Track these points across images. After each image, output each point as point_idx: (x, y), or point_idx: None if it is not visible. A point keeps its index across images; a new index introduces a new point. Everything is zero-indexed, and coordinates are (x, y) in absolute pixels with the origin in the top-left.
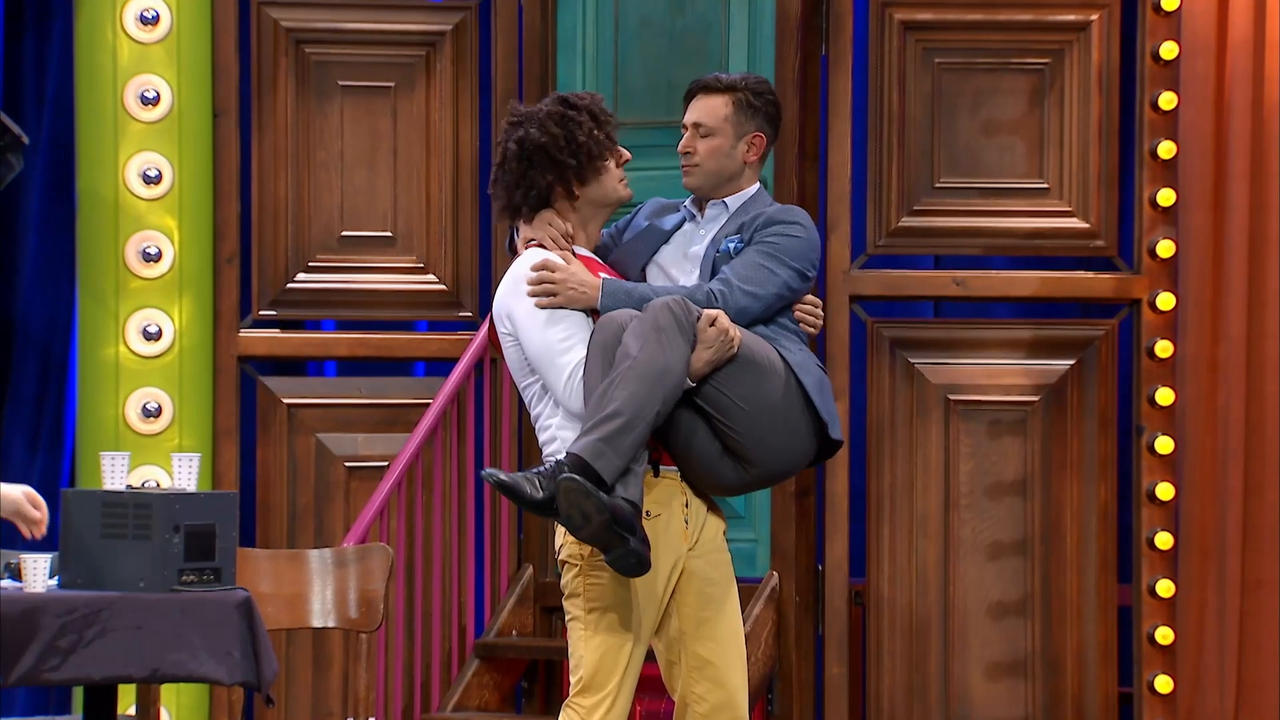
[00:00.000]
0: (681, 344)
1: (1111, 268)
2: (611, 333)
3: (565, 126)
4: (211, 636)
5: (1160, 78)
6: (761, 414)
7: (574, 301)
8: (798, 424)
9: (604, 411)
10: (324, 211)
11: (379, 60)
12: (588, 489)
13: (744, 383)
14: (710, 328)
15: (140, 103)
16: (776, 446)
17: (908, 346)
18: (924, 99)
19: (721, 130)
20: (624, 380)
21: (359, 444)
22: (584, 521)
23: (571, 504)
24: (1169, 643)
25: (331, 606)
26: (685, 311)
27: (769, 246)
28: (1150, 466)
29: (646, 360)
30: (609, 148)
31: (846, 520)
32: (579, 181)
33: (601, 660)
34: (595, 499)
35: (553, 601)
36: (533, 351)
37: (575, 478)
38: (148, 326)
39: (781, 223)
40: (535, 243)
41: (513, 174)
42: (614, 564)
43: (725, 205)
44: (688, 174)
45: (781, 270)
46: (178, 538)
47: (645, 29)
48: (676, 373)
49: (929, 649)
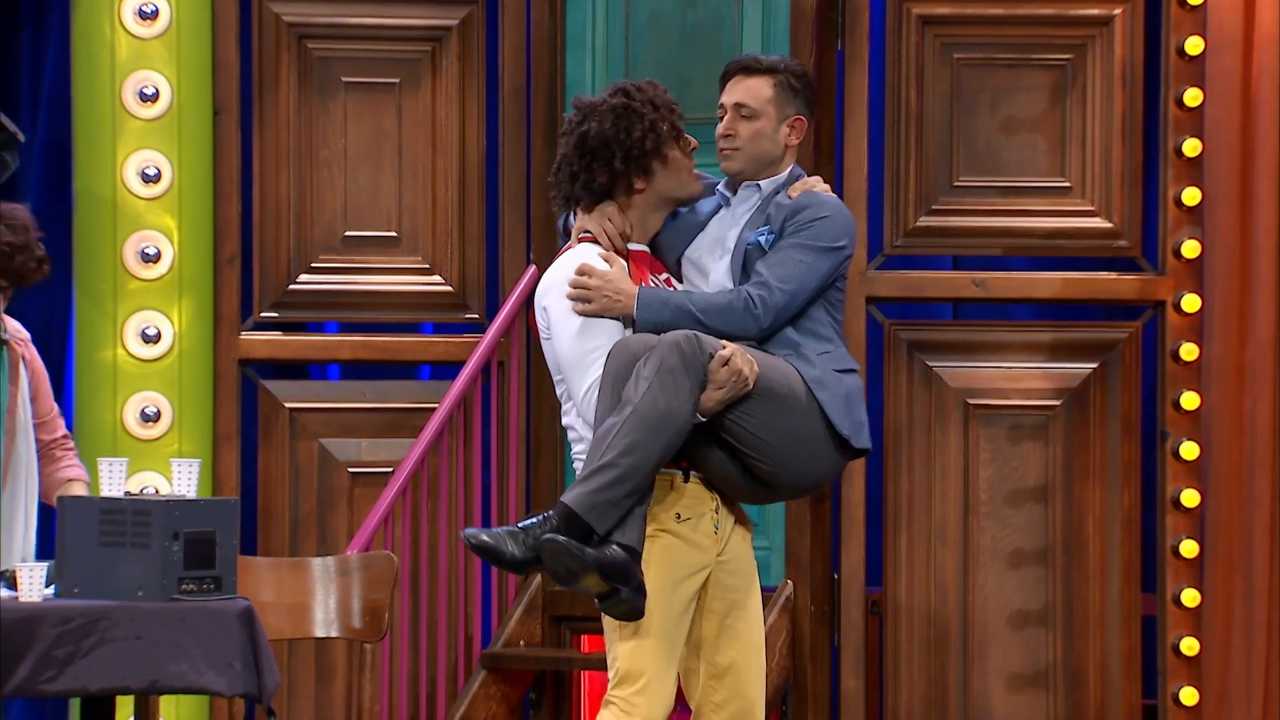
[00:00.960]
0: (688, 385)
1: (1135, 268)
2: (624, 363)
3: (626, 120)
4: (212, 647)
5: (1185, 73)
6: (782, 442)
7: (608, 310)
8: (819, 444)
9: (601, 460)
10: (327, 211)
11: (383, 56)
12: (570, 549)
13: (761, 414)
14: (722, 369)
15: (139, 100)
16: (799, 469)
17: (926, 349)
18: (942, 96)
19: (765, 112)
20: (624, 428)
21: (363, 449)
22: (570, 578)
23: (557, 562)
24: (1194, 654)
25: (335, 616)
26: (695, 351)
27: (802, 236)
28: (1175, 472)
29: (649, 406)
30: (672, 140)
31: (863, 527)
32: (640, 177)
33: (636, 650)
34: (579, 558)
35: (562, 611)
36: (561, 354)
37: (557, 539)
38: (146, 329)
39: (810, 206)
40: (588, 236)
41: (573, 167)
42: (607, 611)
43: (759, 188)
44: (727, 158)
45: (819, 258)
46: (177, 546)
47: (656, 24)
48: (681, 416)
49: (948, 660)
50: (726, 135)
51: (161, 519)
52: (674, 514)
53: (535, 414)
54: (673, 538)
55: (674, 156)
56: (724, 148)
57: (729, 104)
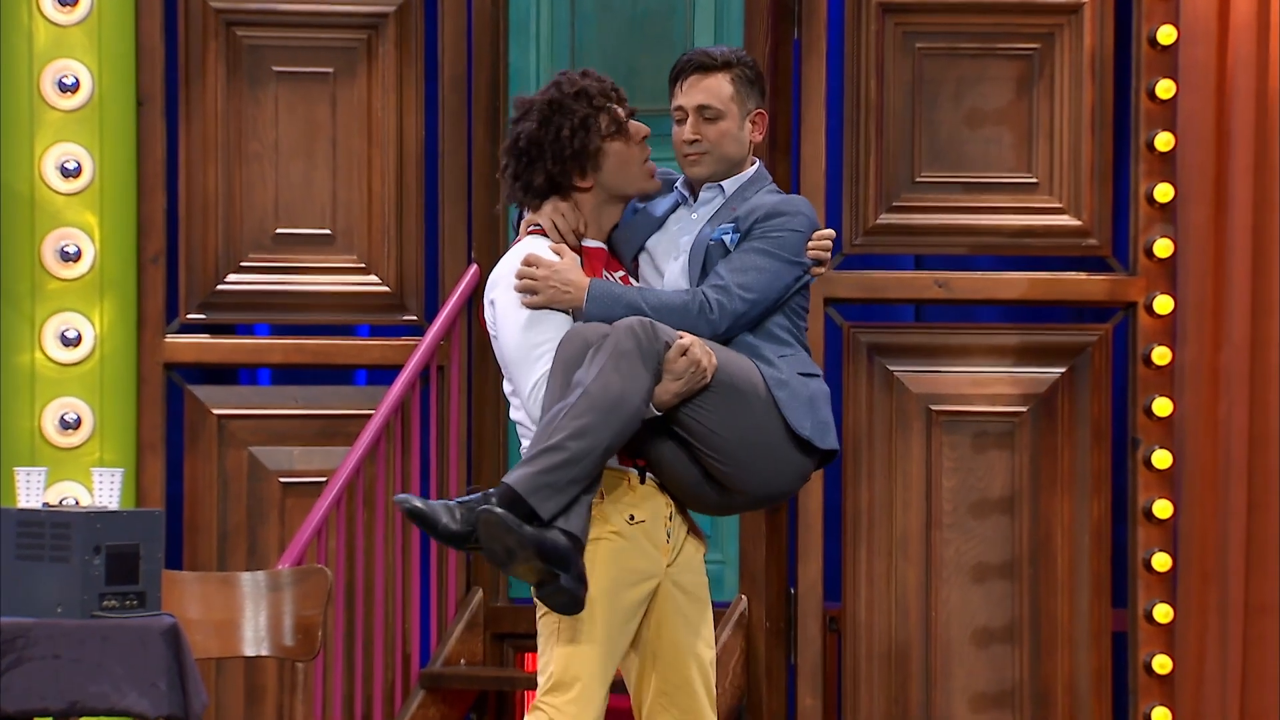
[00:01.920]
0: (642, 373)
1: (1105, 268)
2: (577, 349)
3: (554, 118)
4: (135, 666)
5: (1157, 64)
6: (741, 441)
7: (556, 301)
8: (781, 446)
9: (548, 442)
10: (257, 207)
11: (316, 44)
12: (508, 523)
13: (719, 410)
14: (680, 358)
15: (58, 90)
16: (762, 471)
17: (887, 353)
18: (904, 87)
19: (729, 111)
20: (574, 410)
21: (295, 458)
22: (507, 557)
23: (493, 538)
24: (1167, 672)
25: (265, 634)
26: (651, 337)
27: (768, 242)
28: (1147, 482)
29: (600, 390)
30: (612, 132)
31: (821, 540)
32: (579, 174)
33: (572, 656)
34: (517, 534)
35: (504, 628)
36: (507, 348)
37: (495, 510)
38: (66, 331)
39: (782, 214)
40: (537, 229)
41: (512, 169)
42: (544, 600)
43: (722, 189)
44: (695, 163)
45: (782, 269)
46: (99, 559)
47: (604, 11)
48: (633, 404)
49: (909, 679)
50: (693, 140)
51: (82, 531)
52: (627, 515)
53: (477, 420)
54: (623, 541)
55: (615, 149)
56: (691, 153)
57: (690, 106)
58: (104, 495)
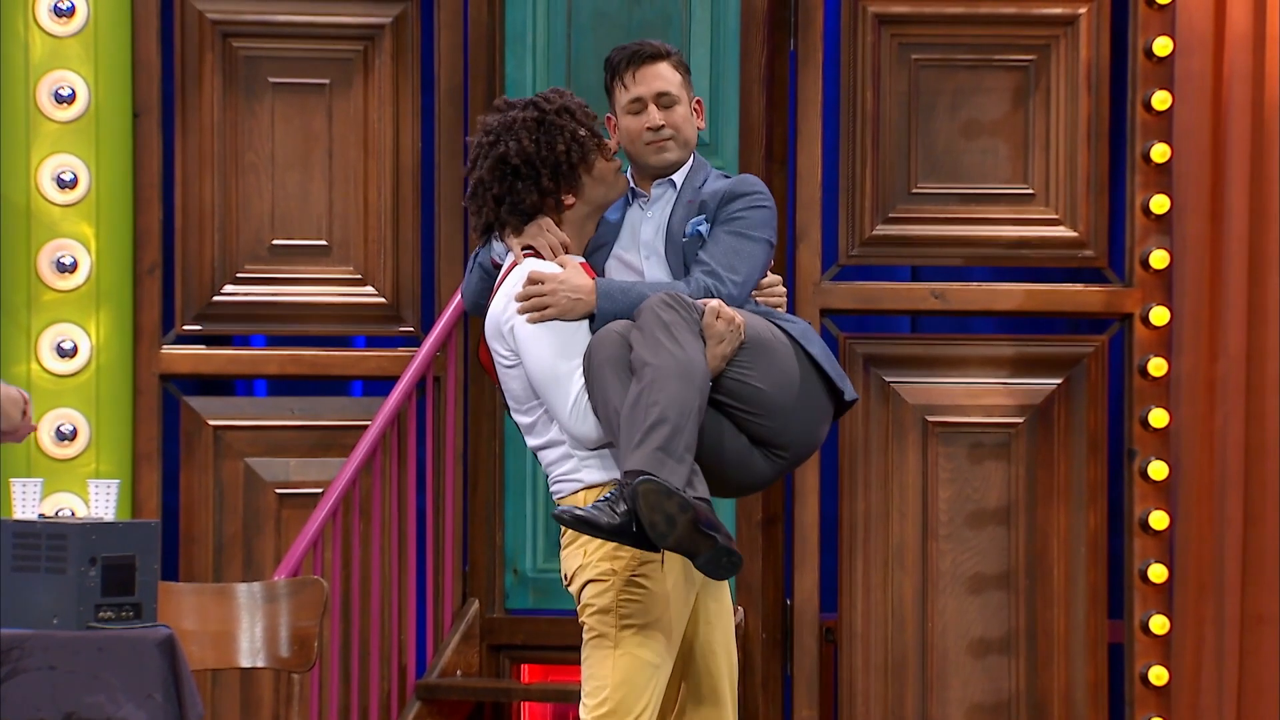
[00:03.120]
0: (693, 338)
1: (1101, 279)
2: (616, 346)
3: (546, 134)
4: (131, 677)
5: (1153, 75)
6: (783, 392)
7: (570, 311)
8: (816, 394)
9: (647, 422)
10: (253, 218)
11: (312, 55)
12: (668, 488)
13: (759, 364)
14: (717, 321)
15: (54, 101)
16: (804, 420)
17: (883, 364)
18: (900, 98)
19: (681, 96)
20: (654, 386)
21: (291, 469)
22: (669, 527)
23: (654, 508)
24: (1163, 683)
25: (261, 645)
26: (685, 305)
27: (739, 224)
28: (1143, 493)
29: (669, 360)
30: (595, 146)
31: (817, 551)
32: (570, 191)
33: (631, 680)
34: (678, 497)
35: (501, 639)
36: (540, 375)
37: (653, 477)
38: (62, 342)
39: (743, 195)
40: (531, 251)
41: (494, 190)
42: (705, 567)
43: (673, 183)
44: (665, 149)
45: (757, 247)
46: (94, 571)
47: (600, 22)
48: (701, 364)
49: (905, 690)
50: (661, 126)
51: (78, 543)
52: None
53: (473, 431)
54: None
55: (600, 164)
56: (658, 140)
57: (649, 95)
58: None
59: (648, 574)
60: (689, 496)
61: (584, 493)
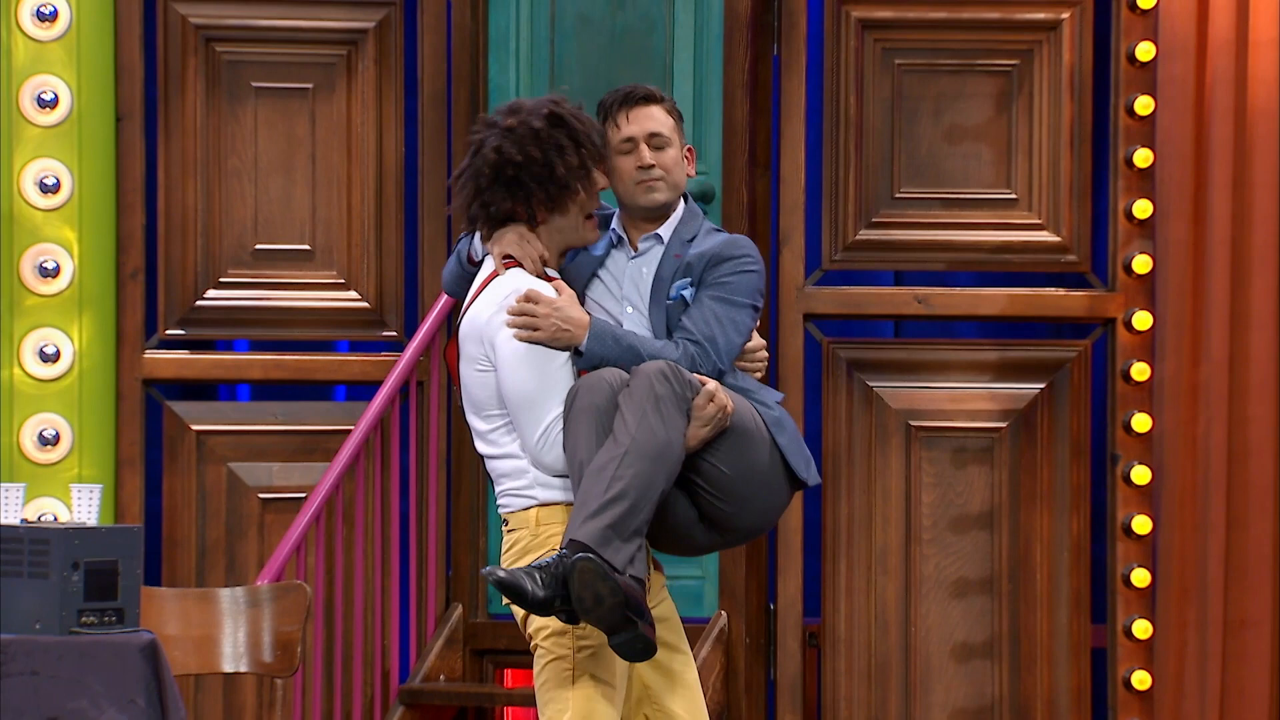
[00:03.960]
0: (679, 418)
1: (1084, 284)
2: (604, 396)
3: (547, 153)
4: (114, 682)
5: (1136, 80)
6: (748, 482)
7: (557, 340)
8: (778, 483)
9: (608, 494)
10: (236, 223)
11: (296, 60)
12: (604, 570)
13: (733, 451)
14: (709, 404)
15: (37, 105)
16: (759, 509)
17: (866, 369)
18: (883, 103)
19: (674, 140)
20: (625, 460)
21: (274, 474)
22: (595, 604)
23: (585, 585)
24: (1146, 688)
25: (244, 650)
26: (681, 383)
27: (725, 290)
28: (1126, 498)
29: (648, 437)
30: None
31: (800, 556)
32: (546, 210)
33: (595, 698)
34: (611, 581)
35: (484, 644)
36: (515, 393)
37: (591, 557)
38: (44, 347)
39: (730, 258)
40: (512, 261)
41: (479, 184)
42: (619, 648)
43: (659, 237)
44: (654, 189)
45: (742, 314)
46: (77, 576)
47: (584, 26)
48: (677, 448)
49: (889, 694)
50: (650, 166)
51: (60, 548)
52: None
53: (456, 435)
54: None
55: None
56: (649, 180)
57: (640, 135)
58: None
59: None
60: (623, 579)
61: (536, 510)
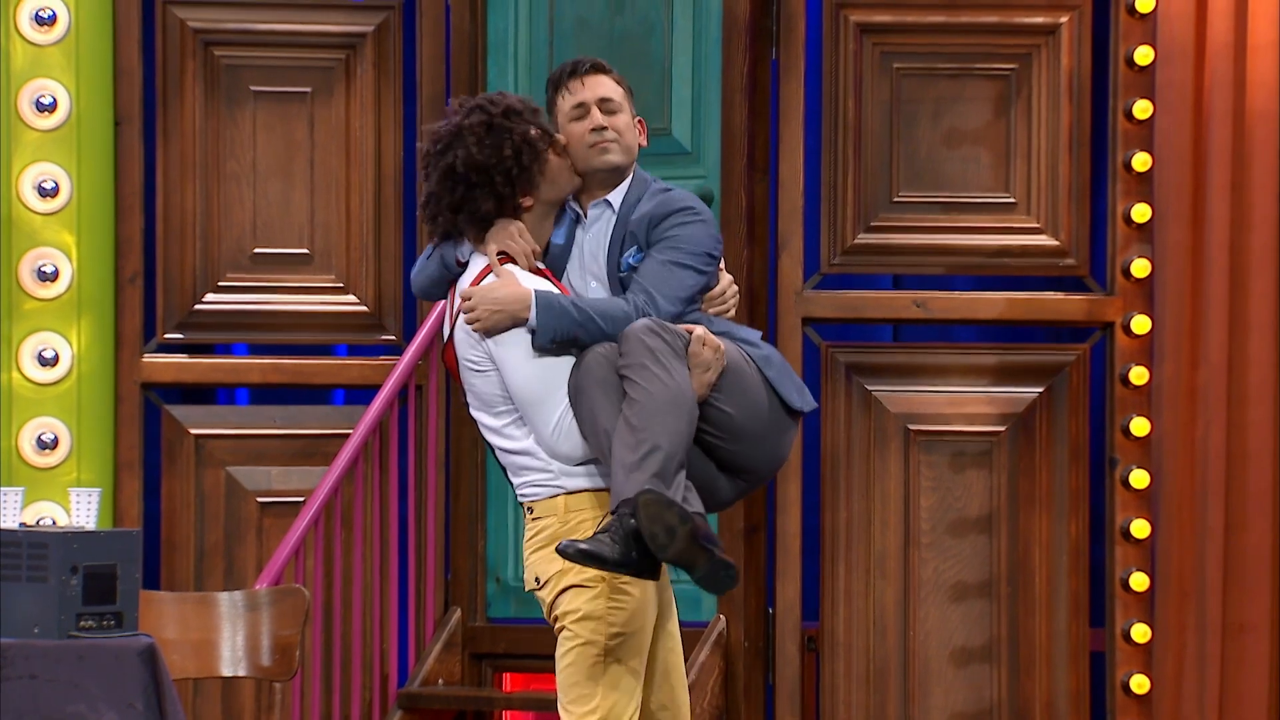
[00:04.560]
0: (679, 364)
1: (1083, 288)
2: (604, 368)
3: (494, 140)
4: (112, 686)
5: (1135, 84)
6: (754, 418)
7: (499, 323)
8: (777, 414)
9: (643, 449)
10: (235, 227)
11: (294, 64)
12: (668, 499)
13: (734, 392)
14: (704, 349)
15: (35, 109)
16: (769, 443)
17: (865, 372)
18: (882, 107)
19: (624, 107)
20: (646, 415)
21: (273, 478)
22: (669, 538)
23: (654, 519)
24: (1145, 692)
25: (243, 654)
26: (671, 334)
27: (670, 244)
28: (1124, 502)
29: (660, 389)
30: (547, 144)
31: (799, 560)
32: (525, 192)
33: (620, 687)
34: (677, 509)
35: (483, 648)
36: (520, 391)
37: (654, 490)
38: (43, 351)
39: (672, 213)
40: (506, 256)
41: (450, 199)
42: (703, 580)
43: (609, 203)
44: (607, 150)
45: (693, 264)
46: (76, 579)
47: (582, 30)
48: (689, 392)
49: (887, 698)
50: (603, 127)
51: (59, 551)
52: None
53: (455, 439)
54: None
55: (553, 161)
56: (601, 140)
57: (592, 99)
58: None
59: (631, 580)
60: (687, 510)
61: (564, 498)
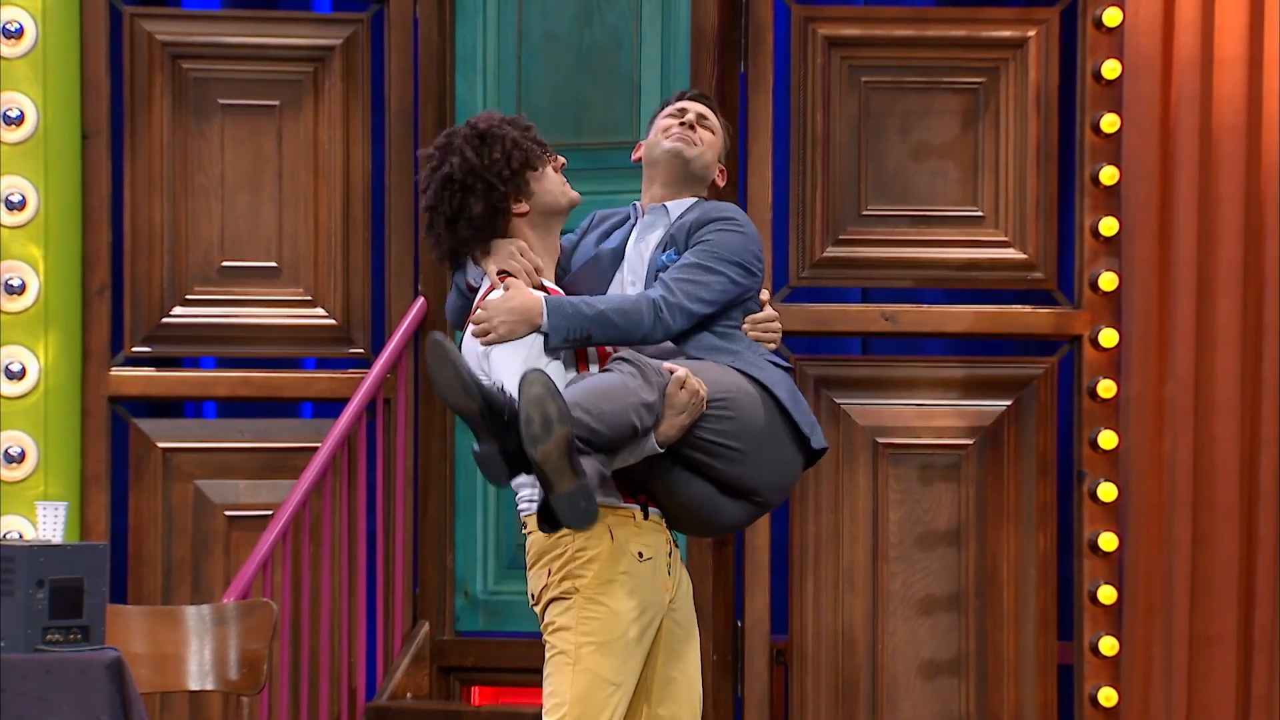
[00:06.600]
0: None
1: (1051, 301)
2: None
3: (485, 144)
4: (79, 700)
5: (1102, 98)
6: (750, 445)
7: (514, 331)
8: (784, 442)
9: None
10: (203, 240)
11: (262, 77)
12: (554, 389)
13: (724, 421)
14: (680, 391)
15: (3, 122)
16: (770, 463)
17: (833, 386)
18: (850, 120)
19: (716, 133)
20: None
21: (240, 491)
22: (544, 431)
23: (535, 402)
24: (1113, 704)
25: (210, 667)
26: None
27: (705, 247)
28: (1092, 515)
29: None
30: (539, 153)
31: (768, 573)
32: (518, 198)
33: (589, 696)
34: (559, 402)
35: (451, 661)
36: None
37: (543, 373)
38: (10, 364)
39: (714, 220)
40: (506, 274)
41: (447, 211)
42: (562, 505)
43: (665, 209)
44: (693, 143)
45: (721, 269)
46: (42, 593)
47: (551, 44)
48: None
49: (856, 711)
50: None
51: (26, 565)
52: (636, 553)
53: (423, 453)
54: (635, 579)
55: (546, 172)
56: (679, 131)
57: (693, 110)
58: (48, 529)
59: (609, 593)
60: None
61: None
